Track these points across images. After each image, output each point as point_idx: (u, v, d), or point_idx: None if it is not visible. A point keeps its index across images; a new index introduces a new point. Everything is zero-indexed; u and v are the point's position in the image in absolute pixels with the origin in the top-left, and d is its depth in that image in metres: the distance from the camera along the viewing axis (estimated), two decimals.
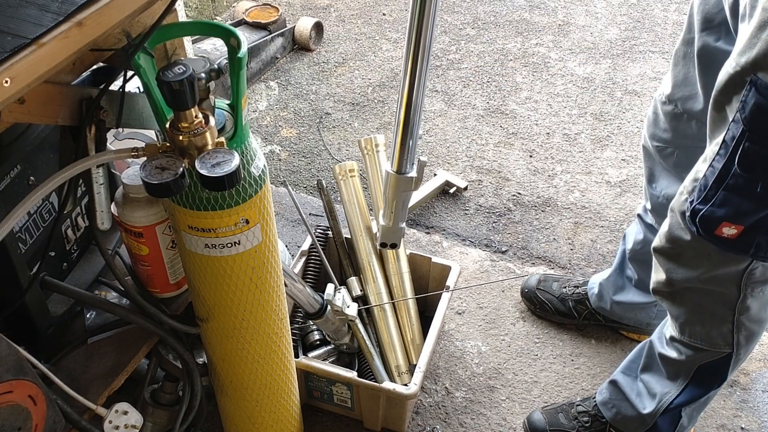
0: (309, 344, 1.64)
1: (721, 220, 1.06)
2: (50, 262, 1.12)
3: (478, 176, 2.27)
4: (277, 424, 1.31)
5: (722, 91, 1.00)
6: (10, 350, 0.86)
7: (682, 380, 1.35)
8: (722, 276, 1.17)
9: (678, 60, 1.35)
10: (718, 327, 1.24)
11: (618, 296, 1.71)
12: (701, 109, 1.32)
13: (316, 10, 3.09)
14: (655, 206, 1.53)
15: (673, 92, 1.37)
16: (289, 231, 2.09)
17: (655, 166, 1.49)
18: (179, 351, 1.17)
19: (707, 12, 1.24)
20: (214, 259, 1.01)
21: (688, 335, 1.30)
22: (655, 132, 1.44)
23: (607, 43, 2.86)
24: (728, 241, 1.08)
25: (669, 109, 1.39)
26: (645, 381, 1.44)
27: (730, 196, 1.04)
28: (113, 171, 1.22)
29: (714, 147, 1.04)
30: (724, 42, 1.21)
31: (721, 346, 1.27)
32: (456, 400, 1.67)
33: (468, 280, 1.94)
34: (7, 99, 0.72)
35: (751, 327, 1.24)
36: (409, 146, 1.29)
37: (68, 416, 1.01)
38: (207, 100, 0.94)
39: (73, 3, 0.80)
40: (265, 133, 2.46)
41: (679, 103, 1.36)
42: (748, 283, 1.17)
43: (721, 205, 1.05)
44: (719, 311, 1.23)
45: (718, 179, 1.04)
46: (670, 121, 1.39)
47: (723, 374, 1.32)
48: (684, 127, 1.37)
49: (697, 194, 1.08)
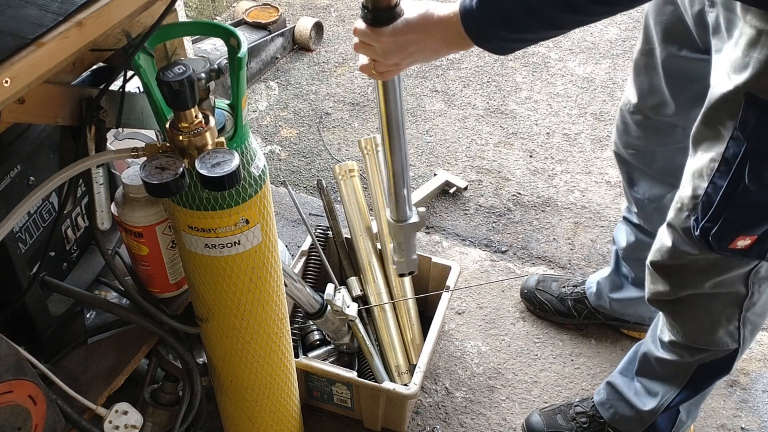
0: (309, 344, 1.64)
1: (737, 235, 1.06)
2: (50, 262, 1.12)
3: (478, 176, 2.27)
4: (277, 424, 1.31)
5: (715, 108, 0.99)
6: (10, 350, 0.86)
7: (682, 380, 1.35)
8: (729, 279, 1.16)
9: (639, 70, 1.35)
10: (724, 327, 1.24)
11: (616, 294, 1.71)
12: (674, 114, 1.32)
13: (316, 10, 3.09)
14: (641, 208, 1.53)
15: (640, 102, 1.37)
16: (289, 231, 2.09)
17: (632, 170, 1.49)
18: (179, 351, 1.17)
19: (665, 23, 1.23)
20: (214, 259, 1.01)
21: (691, 340, 1.29)
22: (627, 140, 1.45)
23: (607, 43, 2.86)
24: (743, 251, 1.08)
25: (639, 119, 1.39)
26: (642, 382, 1.44)
27: (742, 211, 1.03)
28: (113, 171, 1.22)
29: (711, 164, 1.03)
30: (689, 51, 1.21)
31: (728, 344, 1.27)
32: (456, 400, 1.67)
33: (468, 280, 1.94)
34: (7, 99, 0.72)
35: (756, 321, 1.25)
36: (404, 195, 1.27)
37: (68, 416, 1.01)
38: (207, 100, 0.94)
39: (73, 3, 0.80)
40: (265, 133, 2.46)
41: (649, 112, 1.37)
42: (755, 281, 1.17)
43: (734, 221, 1.04)
44: (727, 311, 1.22)
45: (725, 197, 1.02)
46: (642, 129, 1.40)
47: (727, 369, 1.32)
48: (659, 133, 1.38)
49: (702, 212, 1.06)
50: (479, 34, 0.89)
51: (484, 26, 0.88)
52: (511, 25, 0.86)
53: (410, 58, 0.97)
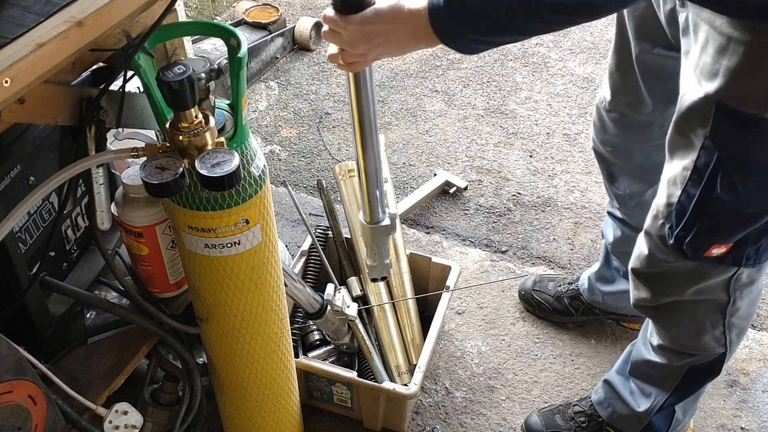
0: (309, 344, 1.64)
1: (711, 244, 1.05)
2: (50, 262, 1.12)
3: (478, 176, 2.27)
4: (277, 424, 1.31)
5: (685, 116, 0.98)
6: (10, 350, 0.86)
7: (673, 381, 1.35)
8: (710, 286, 1.16)
9: (614, 67, 1.34)
10: (710, 332, 1.24)
11: (608, 287, 1.71)
12: (651, 112, 1.32)
13: (316, 10, 3.08)
14: (622, 204, 1.53)
15: (615, 100, 1.36)
16: (289, 231, 2.09)
17: (612, 167, 1.49)
18: (179, 351, 1.17)
19: (639, 19, 1.22)
20: (214, 259, 1.01)
21: (678, 344, 1.29)
22: (605, 138, 1.44)
23: (607, 43, 2.85)
24: (718, 259, 1.08)
25: (615, 117, 1.39)
26: (636, 383, 1.44)
27: (716, 220, 1.02)
28: (113, 171, 1.22)
29: (683, 172, 1.02)
30: (662, 48, 1.20)
31: (715, 348, 1.27)
32: (456, 400, 1.67)
33: (468, 280, 1.94)
34: (7, 99, 0.72)
35: (741, 324, 1.24)
36: (377, 196, 1.25)
37: (68, 416, 1.01)
38: (207, 100, 0.94)
39: (55, 4, 0.80)
40: (265, 133, 2.46)
41: (625, 110, 1.36)
42: (737, 287, 1.16)
43: (708, 230, 1.04)
44: (710, 317, 1.22)
45: (698, 205, 1.02)
46: (619, 127, 1.40)
47: (716, 371, 1.32)
48: (635, 131, 1.37)
49: (677, 221, 1.06)
50: (445, 31, 0.89)
51: (450, 24, 0.88)
52: (477, 26, 0.87)
53: (377, 50, 0.97)
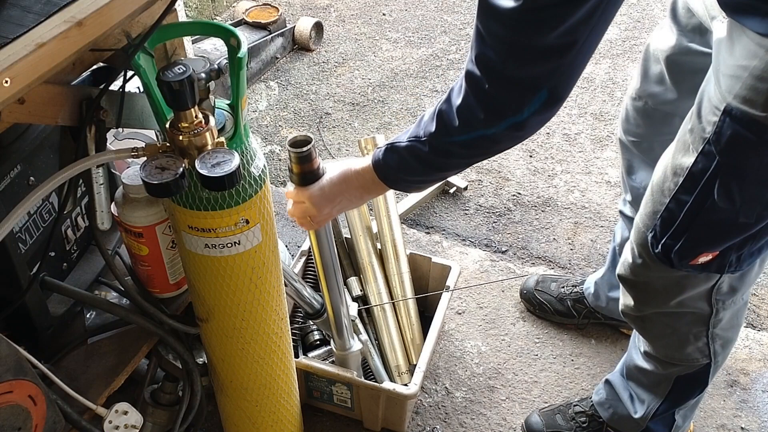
0: (309, 344, 1.64)
1: (700, 252, 1.05)
2: (50, 262, 1.12)
3: (478, 176, 2.27)
4: (277, 424, 1.31)
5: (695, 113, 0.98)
6: (10, 350, 0.86)
7: (664, 389, 1.35)
8: (692, 297, 1.16)
9: (648, 55, 1.36)
10: (693, 344, 1.24)
11: (613, 293, 1.71)
12: (673, 102, 1.32)
13: (316, 10, 3.09)
14: (636, 198, 1.53)
15: (642, 87, 1.38)
16: (289, 231, 2.09)
17: (633, 158, 1.50)
18: (179, 351, 1.17)
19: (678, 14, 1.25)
20: (214, 259, 1.01)
21: (662, 354, 1.30)
22: (628, 128, 1.45)
23: (607, 43, 2.85)
24: (703, 266, 1.08)
25: (639, 105, 1.40)
26: (631, 387, 1.44)
27: (709, 228, 1.02)
28: (113, 171, 1.22)
29: (675, 178, 1.01)
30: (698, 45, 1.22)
31: (698, 359, 1.27)
32: (456, 400, 1.67)
33: (468, 280, 1.94)
34: (7, 99, 0.72)
35: (725, 335, 1.24)
36: (344, 326, 1.44)
37: (68, 416, 1.01)
38: (207, 100, 0.94)
39: (55, 4, 0.80)
40: (265, 133, 2.46)
41: (649, 100, 1.37)
42: (719, 297, 1.16)
43: (698, 238, 1.03)
44: (693, 329, 1.22)
45: (690, 213, 1.01)
46: (641, 117, 1.40)
47: (703, 382, 1.32)
48: (658, 122, 1.38)
49: (663, 230, 1.06)
50: (389, 178, 1.09)
51: (390, 172, 1.09)
52: (409, 170, 1.06)
53: (339, 206, 1.18)
